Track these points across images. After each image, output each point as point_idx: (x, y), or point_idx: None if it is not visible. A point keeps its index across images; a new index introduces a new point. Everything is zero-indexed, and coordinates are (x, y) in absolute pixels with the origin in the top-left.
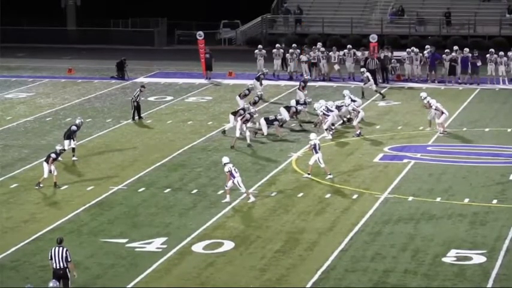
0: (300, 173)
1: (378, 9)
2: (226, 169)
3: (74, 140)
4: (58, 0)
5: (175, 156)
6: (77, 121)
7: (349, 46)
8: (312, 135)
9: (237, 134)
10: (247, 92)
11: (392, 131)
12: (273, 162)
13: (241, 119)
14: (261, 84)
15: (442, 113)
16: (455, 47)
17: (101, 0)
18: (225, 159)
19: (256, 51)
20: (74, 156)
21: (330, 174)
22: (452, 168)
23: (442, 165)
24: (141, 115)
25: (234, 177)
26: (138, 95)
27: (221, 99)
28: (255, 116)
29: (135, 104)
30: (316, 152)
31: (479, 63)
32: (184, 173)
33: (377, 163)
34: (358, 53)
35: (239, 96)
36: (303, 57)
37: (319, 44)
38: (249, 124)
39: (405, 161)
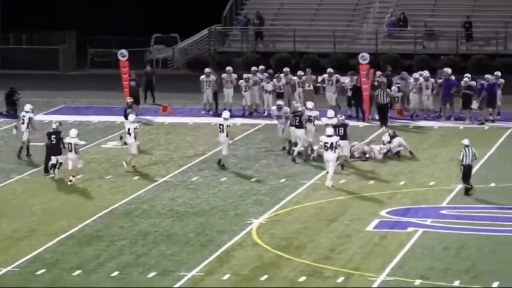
0: (264, 247)
1: (370, 18)
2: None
3: None
4: None
5: (88, 224)
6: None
7: (329, 70)
8: None
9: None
10: None
11: (393, 188)
12: (225, 231)
13: None
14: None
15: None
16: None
17: None
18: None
19: (203, 76)
20: None
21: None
22: (476, 240)
23: (461, 235)
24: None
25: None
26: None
27: (153, 143)
28: None
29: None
30: None
31: None
32: (101, 248)
33: (371, 232)
34: (344, 79)
35: None
36: (268, 86)
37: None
38: None
39: (410, 229)
